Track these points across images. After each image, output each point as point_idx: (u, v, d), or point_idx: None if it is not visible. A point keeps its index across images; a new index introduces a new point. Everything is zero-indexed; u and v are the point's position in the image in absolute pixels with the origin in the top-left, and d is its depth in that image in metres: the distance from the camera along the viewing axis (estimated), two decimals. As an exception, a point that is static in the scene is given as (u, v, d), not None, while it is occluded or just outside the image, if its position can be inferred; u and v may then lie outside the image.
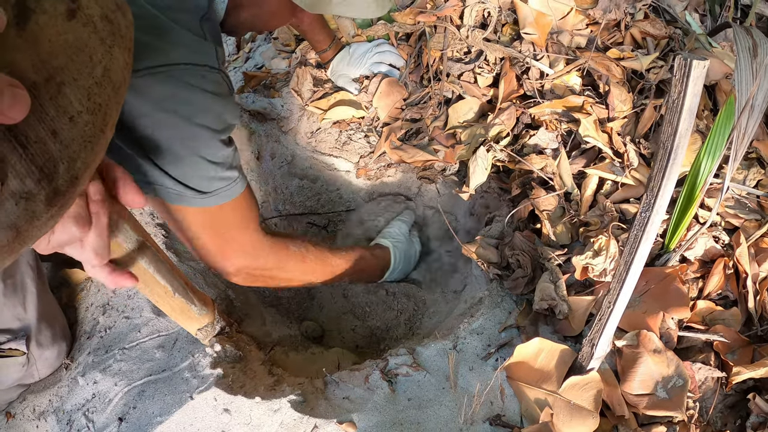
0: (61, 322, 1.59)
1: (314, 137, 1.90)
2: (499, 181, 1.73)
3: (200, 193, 1.17)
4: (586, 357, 1.26)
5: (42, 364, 1.53)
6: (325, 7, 1.20)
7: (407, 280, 1.90)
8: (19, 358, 1.47)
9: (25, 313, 1.48)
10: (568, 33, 1.71)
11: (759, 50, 1.25)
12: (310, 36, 1.91)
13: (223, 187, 1.20)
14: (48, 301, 1.55)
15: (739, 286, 1.42)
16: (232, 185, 1.22)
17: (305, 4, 1.16)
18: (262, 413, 1.33)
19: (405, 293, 1.84)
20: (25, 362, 1.49)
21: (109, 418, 1.38)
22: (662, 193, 1.05)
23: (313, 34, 1.90)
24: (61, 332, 1.57)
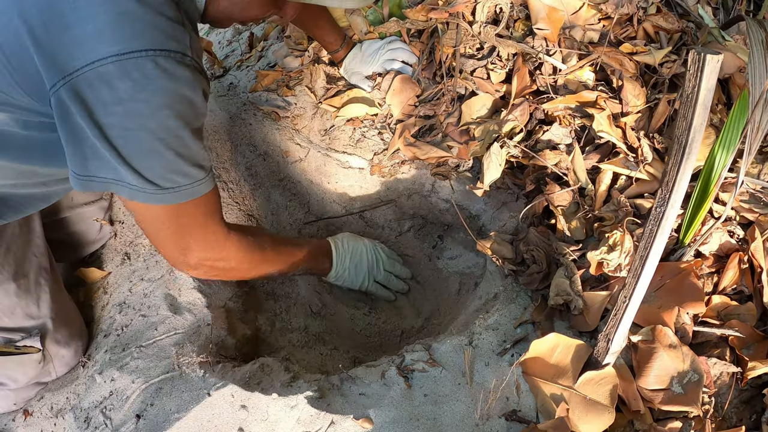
0: (78, 321, 1.60)
1: (328, 135, 1.91)
2: (513, 177, 1.73)
3: (158, 187, 1.14)
4: (601, 352, 1.27)
5: (59, 362, 1.55)
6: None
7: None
8: (35, 356, 1.49)
9: (39, 311, 1.49)
10: (581, 28, 1.71)
11: (773, 43, 1.25)
12: (320, 38, 1.91)
13: (185, 185, 1.17)
14: (63, 301, 1.57)
15: (754, 281, 1.41)
16: (195, 184, 1.19)
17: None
18: (279, 409, 1.34)
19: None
20: (41, 359, 1.51)
21: (127, 416, 1.40)
22: (677, 187, 1.05)
23: (323, 36, 1.90)
24: (78, 331, 1.58)
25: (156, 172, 1.12)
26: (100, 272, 1.72)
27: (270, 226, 2.00)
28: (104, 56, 0.99)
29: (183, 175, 1.16)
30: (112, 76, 1.00)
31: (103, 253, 1.77)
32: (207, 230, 1.30)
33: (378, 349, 1.79)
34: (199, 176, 1.19)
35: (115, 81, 1.01)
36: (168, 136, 1.09)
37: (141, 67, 1.01)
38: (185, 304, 1.59)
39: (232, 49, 2.48)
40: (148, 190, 1.13)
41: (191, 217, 1.25)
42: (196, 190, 1.20)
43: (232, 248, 1.38)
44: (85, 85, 1.01)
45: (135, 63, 1.01)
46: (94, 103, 1.03)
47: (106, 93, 1.02)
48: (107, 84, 1.01)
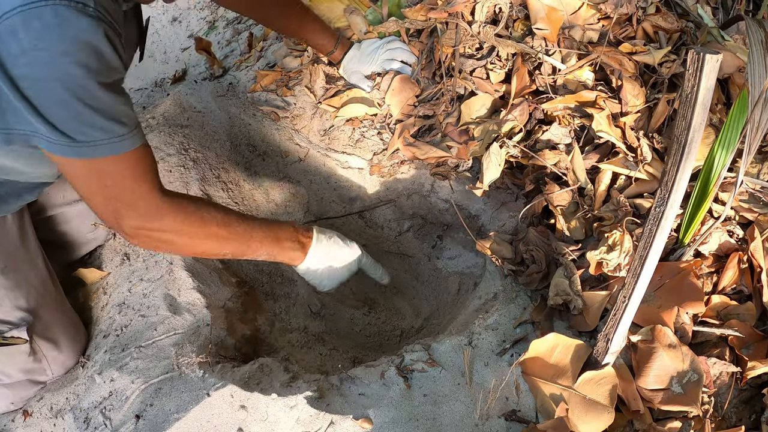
0: (73, 321, 1.60)
1: (327, 135, 1.91)
2: (512, 177, 1.73)
3: (72, 140, 1.11)
4: (601, 352, 1.27)
5: (53, 362, 1.55)
6: None
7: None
8: (23, 347, 1.49)
9: (27, 305, 1.49)
10: (580, 28, 1.71)
11: (772, 43, 1.25)
12: (311, 42, 1.91)
13: (102, 139, 1.13)
14: (57, 299, 1.57)
15: (753, 281, 1.42)
16: (114, 139, 1.14)
17: None
18: (279, 409, 1.34)
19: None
20: (30, 352, 1.51)
21: (126, 416, 1.40)
22: (677, 187, 1.05)
23: (314, 39, 1.89)
24: (73, 331, 1.59)
25: (69, 125, 1.10)
26: (99, 272, 1.72)
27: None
28: (9, 9, 0.99)
29: (98, 129, 1.12)
30: (17, 28, 1.00)
31: (103, 253, 1.77)
32: (135, 195, 1.23)
33: (377, 349, 1.80)
34: (118, 131, 1.15)
35: (20, 32, 1.00)
36: (75, 86, 1.07)
37: (41, 15, 1.00)
38: (184, 305, 1.59)
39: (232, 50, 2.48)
40: (63, 142, 1.11)
41: (115, 178, 1.20)
42: (115, 147, 1.15)
43: (167, 218, 1.29)
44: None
45: (36, 12, 1.00)
46: (4, 56, 1.02)
47: (13, 45, 1.01)
48: (13, 36, 1.01)
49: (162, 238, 1.32)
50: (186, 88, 2.06)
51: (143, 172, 1.23)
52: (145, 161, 1.24)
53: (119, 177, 1.20)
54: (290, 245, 1.53)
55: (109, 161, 1.16)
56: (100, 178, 1.19)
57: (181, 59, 2.85)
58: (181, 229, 1.31)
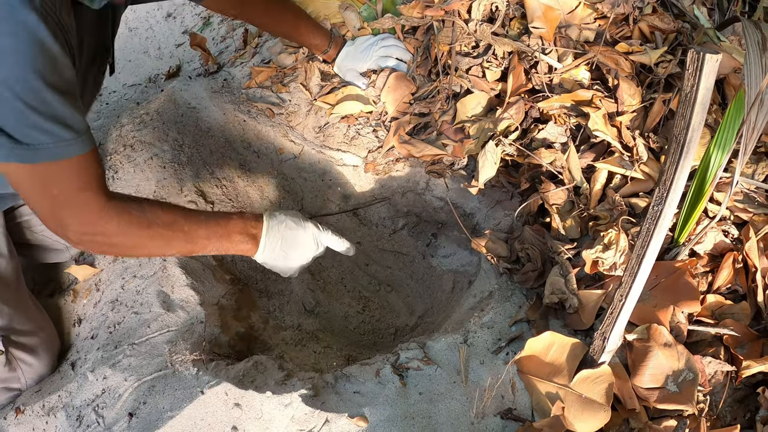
0: (47, 330, 1.59)
1: (322, 132, 1.90)
2: (508, 176, 1.73)
3: (13, 141, 1.05)
4: (597, 350, 1.27)
5: (27, 369, 1.54)
6: None
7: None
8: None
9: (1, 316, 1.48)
10: (577, 27, 1.71)
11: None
12: (305, 42, 1.90)
13: (47, 142, 1.08)
14: (30, 310, 1.56)
15: (748, 281, 1.42)
16: (60, 144, 1.10)
17: None
18: (273, 407, 1.33)
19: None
20: (5, 362, 1.50)
21: (120, 414, 1.39)
22: (675, 186, 1.05)
23: (307, 40, 1.88)
24: (47, 340, 1.58)
25: (11, 124, 1.05)
26: (91, 269, 1.70)
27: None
28: None
29: (42, 132, 1.07)
30: None
31: (95, 250, 1.76)
32: (79, 202, 1.20)
33: (372, 347, 1.79)
34: (64, 136, 1.10)
35: None
36: (16, 83, 1.01)
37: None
38: (178, 302, 1.58)
39: (226, 46, 2.46)
40: (5, 144, 1.06)
41: (60, 185, 1.16)
42: (61, 152, 1.11)
43: (110, 224, 1.25)
44: None
45: None
46: None
47: None
48: None
49: (107, 242, 1.29)
50: (180, 84, 2.05)
51: (89, 179, 1.19)
52: (92, 168, 1.19)
53: (65, 184, 1.16)
54: (240, 238, 1.46)
55: (54, 167, 1.12)
56: (45, 185, 1.15)
57: (175, 55, 2.83)
58: (126, 231, 1.28)
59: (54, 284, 1.77)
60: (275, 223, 1.50)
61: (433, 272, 1.92)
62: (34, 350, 1.54)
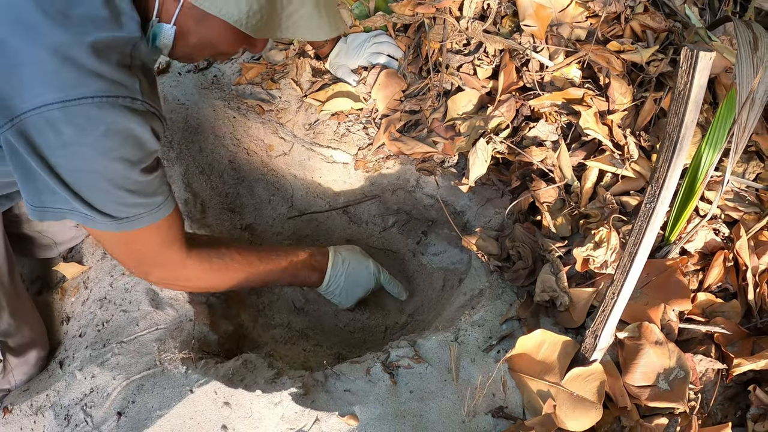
0: (38, 329, 1.58)
1: (312, 129, 1.89)
2: (498, 173, 1.73)
3: (113, 218, 1.15)
4: (589, 348, 1.26)
5: (18, 372, 1.53)
6: (274, 32, 1.17)
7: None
8: None
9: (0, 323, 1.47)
10: (568, 25, 1.71)
11: (759, 44, 1.25)
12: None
13: (140, 213, 1.18)
14: (23, 310, 1.54)
15: (738, 279, 1.42)
16: (152, 211, 1.20)
17: (248, 28, 1.12)
18: (263, 406, 1.32)
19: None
20: (2, 369, 1.50)
21: (108, 413, 1.37)
22: (667, 184, 1.05)
23: None
24: (39, 339, 1.56)
25: (109, 207, 1.14)
26: (80, 267, 1.68)
27: (253, 221, 1.97)
28: (51, 102, 0.99)
29: (137, 206, 1.17)
30: (58, 121, 1.01)
31: (83, 247, 1.73)
32: (164, 256, 1.31)
33: (362, 345, 1.78)
34: (155, 203, 1.20)
35: (60, 126, 1.01)
36: (116, 176, 1.10)
37: (85, 113, 1.01)
38: (167, 299, 1.57)
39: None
40: (103, 221, 1.15)
41: (147, 244, 1.26)
42: (154, 217, 1.21)
43: (192, 273, 1.39)
44: (32, 128, 1.01)
45: (80, 109, 1.01)
46: (41, 145, 1.03)
47: (52, 137, 1.02)
48: (53, 129, 1.01)
49: (187, 285, 1.46)
50: (170, 81, 2.03)
51: (173, 236, 1.30)
52: (175, 224, 1.30)
53: (151, 243, 1.26)
54: (306, 273, 1.64)
55: (143, 230, 1.21)
56: (132, 245, 1.24)
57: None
58: (207, 277, 1.42)
59: (42, 282, 1.75)
60: (339, 260, 1.70)
61: (423, 270, 1.91)
62: (26, 349, 1.52)
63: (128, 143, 1.09)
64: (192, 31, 1.17)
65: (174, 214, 1.28)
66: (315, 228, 2.01)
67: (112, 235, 1.20)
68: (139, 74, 1.11)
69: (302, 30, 1.19)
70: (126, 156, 1.09)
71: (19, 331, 1.49)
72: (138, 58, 1.11)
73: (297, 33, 1.19)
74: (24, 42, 1.00)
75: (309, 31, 1.19)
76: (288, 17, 1.15)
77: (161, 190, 1.22)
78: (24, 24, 1.00)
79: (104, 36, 1.04)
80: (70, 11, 1.02)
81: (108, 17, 1.06)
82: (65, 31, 1.01)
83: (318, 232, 2.03)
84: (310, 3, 1.15)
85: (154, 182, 1.19)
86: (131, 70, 1.09)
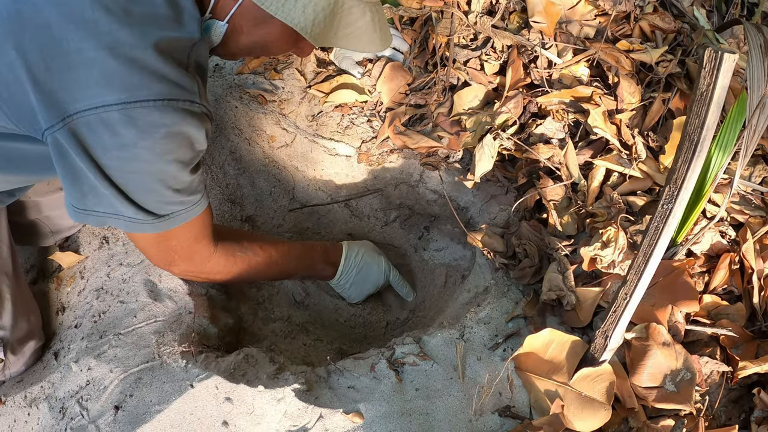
0: (35, 320, 1.54)
1: (315, 120, 1.86)
2: (504, 170, 1.72)
3: (155, 216, 1.16)
4: (598, 349, 1.26)
5: (14, 365, 1.50)
6: (330, 40, 1.18)
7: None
8: None
9: (2, 321, 1.44)
10: (578, 23, 1.70)
11: (771, 48, 1.25)
12: None
13: (180, 210, 1.19)
14: (23, 302, 1.51)
15: (744, 282, 1.43)
16: (189, 208, 1.21)
17: (311, 36, 1.13)
18: (266, 402, 1.30)
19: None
20: (1, 368, 1.47)
21: (105, 406, 1.34)
22: (686, 185, 1.04)
23: None
24: (36, 330, 1.53)
25: (154, 205, 1.15)
26: (76, 256, 1.65)
27: (254, 213, 1.95)
28: (110, 103, 0.98)
29: (179, 204, 1.18)
30: (117, 123, 1.00)
31: (80, 236, 1.69)
32: (192, 250, 1.32)
33: (362, 341, 1.77)
34: (192, 200, 1.21)
35: (119, 127, 1.00)
36: (167, 177, 1.11)
37: (147, 115, 1.01)
38: (166, 291, 1.54)
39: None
40: (146, 221, 1.15)
41: (180, 239, 1.27)
42: (190, 213, 1.22)
43: (216, 266, 1.40)
44: (84, 127, 1.00)
45: (141, 111, 1.00)
46: (93, 146, 1.02)
47: (108, 138, 1.01)
48: (110, 129, 1.00)
49: (209, 278, 1.47)
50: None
51: (204, 231, 1.31)
52: (207, 218, 1.30)
53: (183, 238, 1.27)
54: (322, 267, 1.69)
55: (180, 227, 1.22)
56: (167, 241, 1.26)
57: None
58: (229, 271, 1.44)
59: (37, 271, 1.71)
60: (353, 254, 1.74)
61: (425, 266, 1.90)
62: (24, 342, 1.49)
63: (184, 145, 1.09)
64: (246, 31, 1.17)
65: (207, 210, 1.29)
66: (316, 221, 1.99)
67: (149, 234, 1.21)
68: (196, 75, 1.10)
69: (355, 41, 1.20)
70: (180, 158, 1.10)
71: (18, 324, 1.46)
72: (194, 58, 1.10)
73: (350, 44, 1.21)
74: (84, 41, 0.98)
75: (361, 43, 1.21)
76: (345, 27, 1.16)
77: (200, 187, 1.23)
78: (84, 22, 0.98)
79: (167, 35, 1.04)
80: (132, 9, 1.01)
81: (170, 15, 1.05)
82: (128, 30, 0.99)
83: (319, 225, 2.00)
84: (369, 16, 1.16)
85: (196, 180, 1.20)
86: (188, 70, 1.08)
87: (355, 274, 1.74)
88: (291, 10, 1.09)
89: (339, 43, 1.19)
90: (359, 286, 1.78)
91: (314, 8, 1.09)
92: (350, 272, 1.73)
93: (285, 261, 1.55)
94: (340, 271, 1.71)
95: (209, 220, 1.33)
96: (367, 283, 1.78)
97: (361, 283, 1.77)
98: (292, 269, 1.61)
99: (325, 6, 1.10)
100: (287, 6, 1.09)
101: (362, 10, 1.15)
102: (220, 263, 1.40)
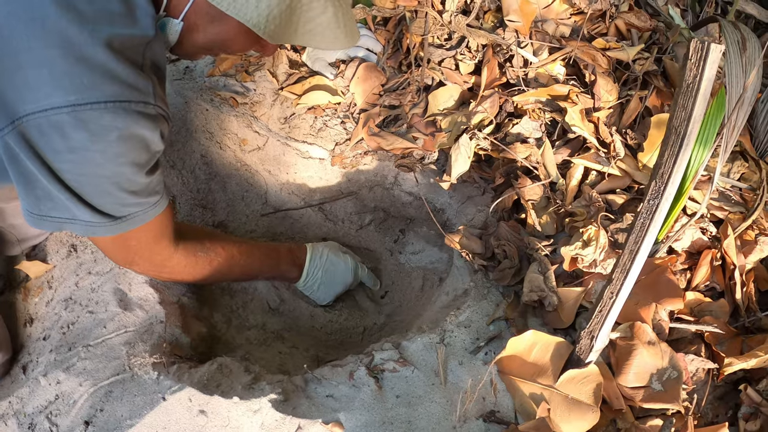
0: (1, 332, 1.48)
1: (288, 123, 1.82)
2: (480, 171, 1.69)
3: (113, 218, 1.13)
4: (584, 349, 1.23)
5: None
6: (290, 38, 1.14)
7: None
8: None
9: None
10: (553, 22, 1.69)
11: (748, 44, 1.25)
12: None
13: (137, 211, 1.17)
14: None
15: (725, 278, 1.42)
16: (148, 209, 1.19)
17: (267, 34, 1.09)
18: (241, 414, 1.25)
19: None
20: None
21: (75, 422, 1.28)
22: (673, 180, 1.03)
23: None
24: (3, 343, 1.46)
25: (110, 207, 1.12)
26: (44, 265, 1.58)
27: (225, 218, 1.90)
28: (59, 105, 0.94)
29: (136, 205, 1.16)
30: (67, 126, 0.96)
31: (47, 245, 1.63)
32: (152, 251, 1.30)
33: (339, 347, 1.72)
34: (152, 201, 1.19)
35: (69, 130, 0.96)
36: (122, 180, 1.09)
37: (98, 118, 0.97)
38: (136, 300, 1.48)
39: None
40: (103, 223, 1.13)
41: (140, 240, 1.25)
42: (148, 215, 1.20)
43: (176, 266, 1.39)
44: (35, 130, 0.96)
45: (92, 114, 0.96)
46: (45, 150, 0.99)
47: (59, 141, 0.97)
48: (60, 133, 0.96)
49: (171, 277, 1.46)
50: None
51: (163, 231, 1.29)
52: (166, 220, 1.28)
53: (143, 238, 1.25)
54: (286, 268, 1.66)
55: (138, 229, 1.20)
56: (126, 242, 1.24)
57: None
58: (191, 271, 1.42)
59: (3, 281, 1.64)
60: (317, 255, 1.70)
61: (402, 269, 1.86)
62: None
63: (138, 148, 1.05)
64: (202, 29, 1.13)
65: (167, 210, 1.27)
66: (290, 225, 1.95)
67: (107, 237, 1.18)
68: (151, 74, 1.06)
69: (318, 38, 1.16)
70: (134, 160, 1.06)
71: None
72: (150, 57, 1.06)
73: (312, 41, 1.17)
74: (33, 39, 0.93)
75: (325, 40, 1.16)
76: (305, 24, 1.12)
77: (159, 188, 1.21)
78: (33, 19, 0.93)
79: (120, 32, 0.99)
80: (83, 5, 0.96)
81: (123, 12, 1.00)
82: (78, 27, 0.95)
83: (293, 229, 1.96)
84: (331, 11, 1.12)
85: (154, 181, 1.17)
86: (143, 69, 1.04)
87: (322, 275, 1.71)
88: (243, 6, 1.05)
89: (300, 40, 1.16)
90: (327, 287, 1.75)
91: (268, 4, 1.05)
92: (316, 273, 1.70)
93: (248, 261, 1.53)
94: (305, 272, 1.69)
95: (169, 220, 1.30)
96: (335, 284, 1.75)
97: (329, 283, 1.74)
98: (255, 269, 1.58)
99: (280, 1, 1.06)
100: (239, 2, 1.05)
101: (323, 6, 1.11)
102: (182, 263, 1.38)
